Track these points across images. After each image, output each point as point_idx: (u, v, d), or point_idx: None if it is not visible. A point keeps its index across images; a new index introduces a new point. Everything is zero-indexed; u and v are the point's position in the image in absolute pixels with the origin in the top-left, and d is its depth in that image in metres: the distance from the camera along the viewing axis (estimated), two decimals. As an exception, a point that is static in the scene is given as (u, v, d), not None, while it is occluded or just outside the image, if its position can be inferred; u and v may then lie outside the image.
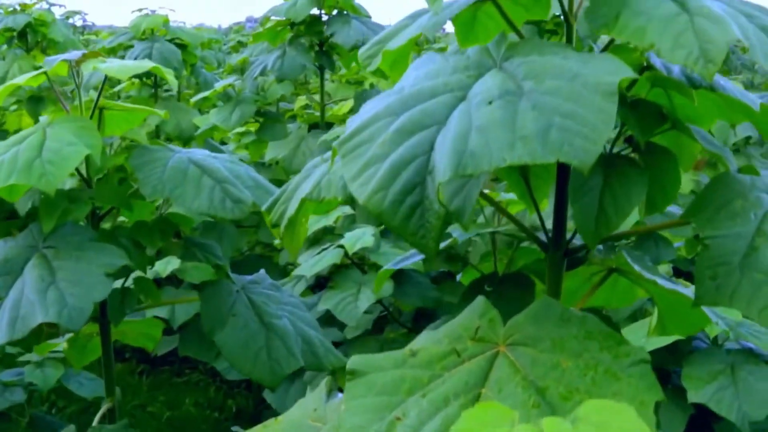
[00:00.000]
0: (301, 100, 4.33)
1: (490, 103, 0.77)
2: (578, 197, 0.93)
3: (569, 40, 1.00)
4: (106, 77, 1.63)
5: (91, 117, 1.67)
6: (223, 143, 4.56)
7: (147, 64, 1.59)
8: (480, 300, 0.88)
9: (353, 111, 3.82)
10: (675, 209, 1.35)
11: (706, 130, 1.07)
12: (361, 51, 1.10)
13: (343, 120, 4.03)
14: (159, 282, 3.24)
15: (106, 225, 1.72)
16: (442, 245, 1.38)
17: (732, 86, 1.02)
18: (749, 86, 14.82)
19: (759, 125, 1.06)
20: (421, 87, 0.84)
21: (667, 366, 1.99)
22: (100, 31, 25.40)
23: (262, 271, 1.83)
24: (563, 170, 0.99)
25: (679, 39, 0.81)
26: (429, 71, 0.87)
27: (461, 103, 0.80)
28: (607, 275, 1.23)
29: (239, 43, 12.38)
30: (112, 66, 1.58)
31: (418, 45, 11.06)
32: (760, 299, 0.79)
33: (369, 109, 0.87)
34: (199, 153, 1.71)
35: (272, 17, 3.70)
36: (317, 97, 4.02)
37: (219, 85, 3.82)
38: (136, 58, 4.26)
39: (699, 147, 1.06)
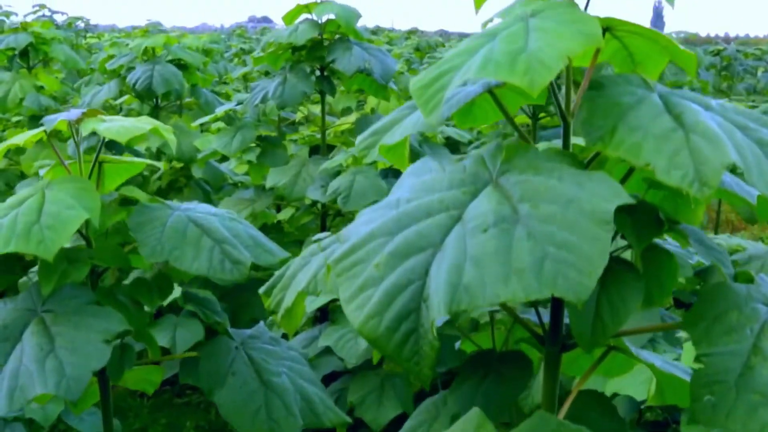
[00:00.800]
0: (303, 111, 4.31)
1: (485, 230, 0.77)
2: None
3: (566, 137, 1.00)
4: (104, 138, 1.63)
5: (90, 176, 1.67)
6: (224, 158, 4.58)
7: (146, 126, 1.59)
8: (475, 413, 0.88)
9: (354, 132, 3.82)
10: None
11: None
12: (359, 140, 1.09)
13: (344, 141, 4.04)
14: (160, 310, 3.25)
15: (106, 281, 1.72)
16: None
17: (730, 179, 1.02)
18: (751, 92, 14.77)
19: (758, 214, 1.06)
20: (417, 203, 0.84)
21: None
22: (103, 34, 25.51)
23: (261, 324, 1.83)
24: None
25: (674, 159, 0.81)
26: (425, 183, 0.87)
27: (457, 224, 0.80)
28: (606, 353, 1.23)
29: (242, 50, 12.41)
30: (111, 127, 1.58)
31: (419, 50, 11.01)
32: (756, 422, 0.79)
33: (366, 221, 0.87)
34: (198, 210, 1.71)
35: (273, 41, 3.70)
36: (317, 109, 4.02)
37: (220, 110, 3.82)
38: (137, 81, 4.26)
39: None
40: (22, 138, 1.65)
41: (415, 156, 1.05)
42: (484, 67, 0.84)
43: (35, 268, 1.68)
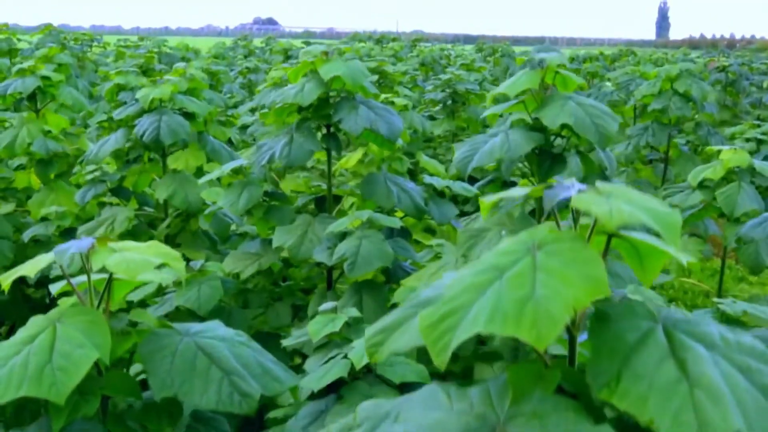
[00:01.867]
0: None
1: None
2: None
3: (572, 350, 1.01)
4: (111, 275, 1.65)
5: (100, 305, 1.69)
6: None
7: (156, 260, 1.60)
8: None
9: (361, 192, 3.82)
10: None
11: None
12: (368, 336, 1.11)
13: (350, 193, 4.05)
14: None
15: (118, 406, 1.74)
16: None
17: None
18: (757, 105, 14.64)
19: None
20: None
21: None
22: (108, 43, 25.49)
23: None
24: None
25: (678, 417, 0.83)
26: (433, 426, 0.89)
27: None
28: None
29: (247, 69, 12.43)
30: (120, 262, 1.59)
31: (424, 65, 10.95)
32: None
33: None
34: (206, 333, 1.73)
35: (280, 100, 3.72)
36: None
37: (227, 168, 3.84)
38: (144, 132, 4.29)
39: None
40: (32, 268, 1.66)
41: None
42: (492, 320, 0.85)
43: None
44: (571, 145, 3.08)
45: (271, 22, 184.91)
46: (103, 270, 1.63)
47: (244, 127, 9.13)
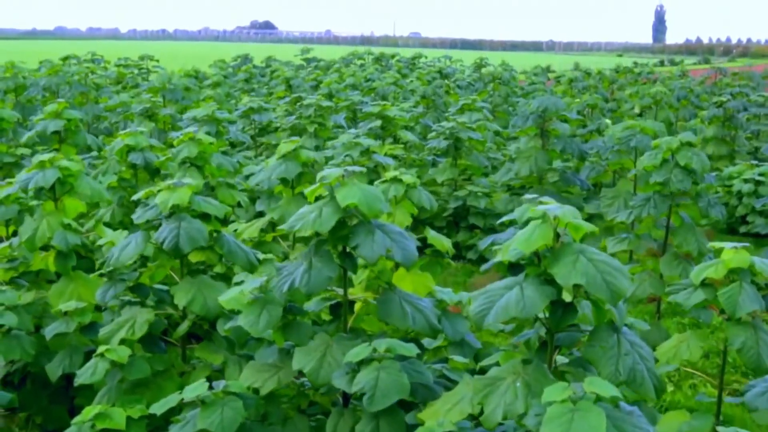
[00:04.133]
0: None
1: None
2: None
3: None
4: None
5: None
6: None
7: None
8: None
9: (378, 312, 3.94)
10: None
11: None
12: None
13: (367, 312, 4.18)
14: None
15: None
16: None
17: None
18: (754, 137, 14.80)
19: None
20: None
21: None
22: (108, 61, 25.49)
23: None
24: None
25: None
26: None
27: None
28: None
29: (251, 109, 12.55)
30: None
31: (425, 97, 11.13)
32: None
33: None
34: None
35: (299, 226, 3.84)
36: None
37: (247, 289, 3.96)
38: (164, 240, 4.42)
39: None
40: None
41: None
42: None
43: None
44: (581, 294, 3.21)
45: (268, 25, 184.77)
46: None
47: (248, 176, 9.27)
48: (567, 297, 3.22)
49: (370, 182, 9.22)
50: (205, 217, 4.67)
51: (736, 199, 11.73)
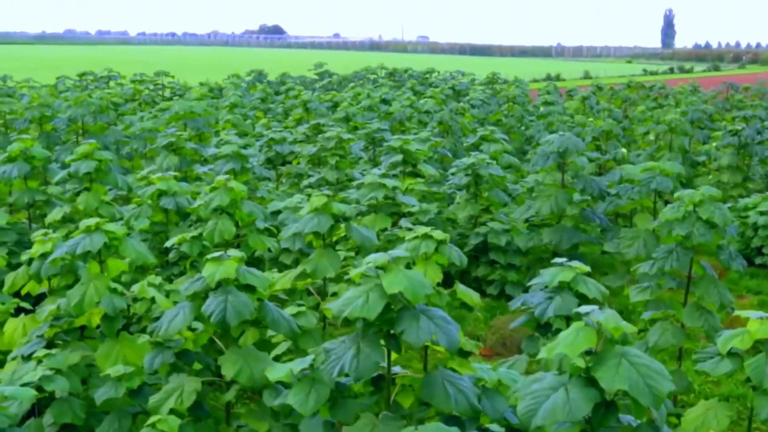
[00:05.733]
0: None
1: None
2: None
3: None
4: None
5: None
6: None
7: None
8: None
9: (422, 394, 4.11)
10: None
11: None
12: None
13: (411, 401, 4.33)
14: None
15: None
16: None
17: None
18: (766, 160, 14.84)
19: None
20: None
21: None
22: (125, 77, 25.74)
23: None
24: None
25: None
26: None
27: None
28: None
29: (272, 140, 12.75)
30: None
31: (442, 123, 11.34)
32: None
33: None
34: None
35: (347, 311, 4.01)
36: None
37: (297, 368, 4.14)
38: (212, 313, 4.61)
39: None
40: None
41: None
42: None
43: None
44: (622, 392, 3.38)
45: (277, 29, 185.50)
46: None
47: (275, 213, 9.47)
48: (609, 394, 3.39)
49: (391, 215, 9.46)
50: (249, 287, 4.86)
51: (752, 231, 11.88)
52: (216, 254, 4.86)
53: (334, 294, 7.15)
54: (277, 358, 6.11)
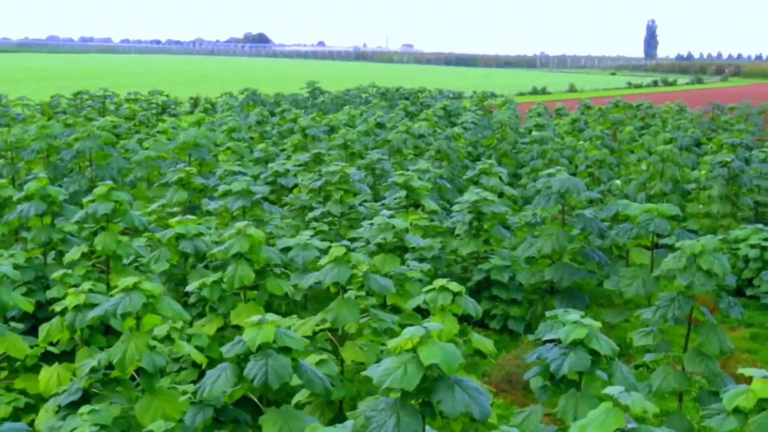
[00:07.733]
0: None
1: None
2: None
3: None
4: None
5: None
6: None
7: None
8: None
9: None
10: None
11: None
12: None
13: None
14: None
15: None
16: None
17: None
18: (755, 190, 15.32)
19: None
20: None
21: None
22: (118, 95, 25.90)
23: None
24: None
25: None
26: None
27: None
28: None
29: (277, 173, 13.01)
30: None
31: (439, 151, 11.59)
32: None
33: None
34: None
35: (387, 383, 4.32)
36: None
37: None
38: (255, 377, 4.92)
39: None
40: None
41: None
42: None
43: None
44: (647, 467, 3.72)
45: (261, 38, 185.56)
46: None
47: (285, 249, 9.76)
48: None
49: (397, 249, 9.78)
50: (286, 349, 5.17)
51: (743, 263, 12.30)
52: (255, 318, 5.16)
53: (350, 338, 7.45)
54: (300, 406, 6.43)
